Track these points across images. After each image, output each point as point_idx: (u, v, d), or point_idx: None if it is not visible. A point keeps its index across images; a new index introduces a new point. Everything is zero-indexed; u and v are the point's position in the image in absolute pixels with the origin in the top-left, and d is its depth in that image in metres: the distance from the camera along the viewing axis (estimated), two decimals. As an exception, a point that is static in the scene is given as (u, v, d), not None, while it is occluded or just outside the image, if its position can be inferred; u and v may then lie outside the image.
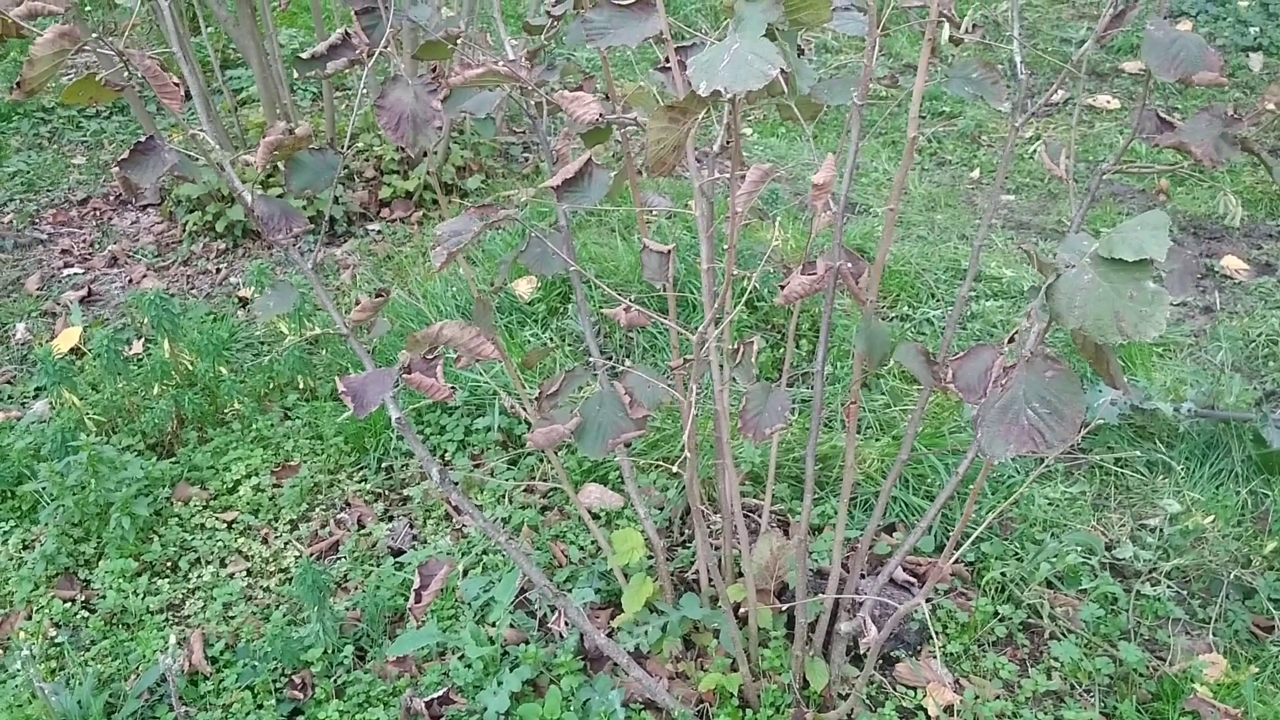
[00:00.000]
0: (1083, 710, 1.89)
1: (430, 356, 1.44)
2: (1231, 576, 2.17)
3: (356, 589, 2.32)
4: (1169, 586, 2.18)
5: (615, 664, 2.04)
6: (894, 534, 2.38)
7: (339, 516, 2.55)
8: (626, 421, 1.73)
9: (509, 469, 2.61)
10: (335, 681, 2.06)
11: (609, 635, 2.11)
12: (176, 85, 1.30)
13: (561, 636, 2.02)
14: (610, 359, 3.05)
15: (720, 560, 2.24)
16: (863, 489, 2.46)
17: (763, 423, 1.65)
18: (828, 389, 2.86)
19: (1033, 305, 1.11)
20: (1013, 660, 2.03)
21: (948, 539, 2.32)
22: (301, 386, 2.91)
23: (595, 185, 1.63)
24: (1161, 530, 2.32)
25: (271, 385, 2.92)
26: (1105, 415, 2.54)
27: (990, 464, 1.63)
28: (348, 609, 2.24)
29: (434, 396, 1.42)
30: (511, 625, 2.11)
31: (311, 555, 2.43)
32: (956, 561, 2.27)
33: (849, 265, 1.71)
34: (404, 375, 1.41)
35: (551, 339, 3.08)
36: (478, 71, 1.55)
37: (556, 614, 1.99)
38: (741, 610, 2.09)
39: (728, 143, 1.76)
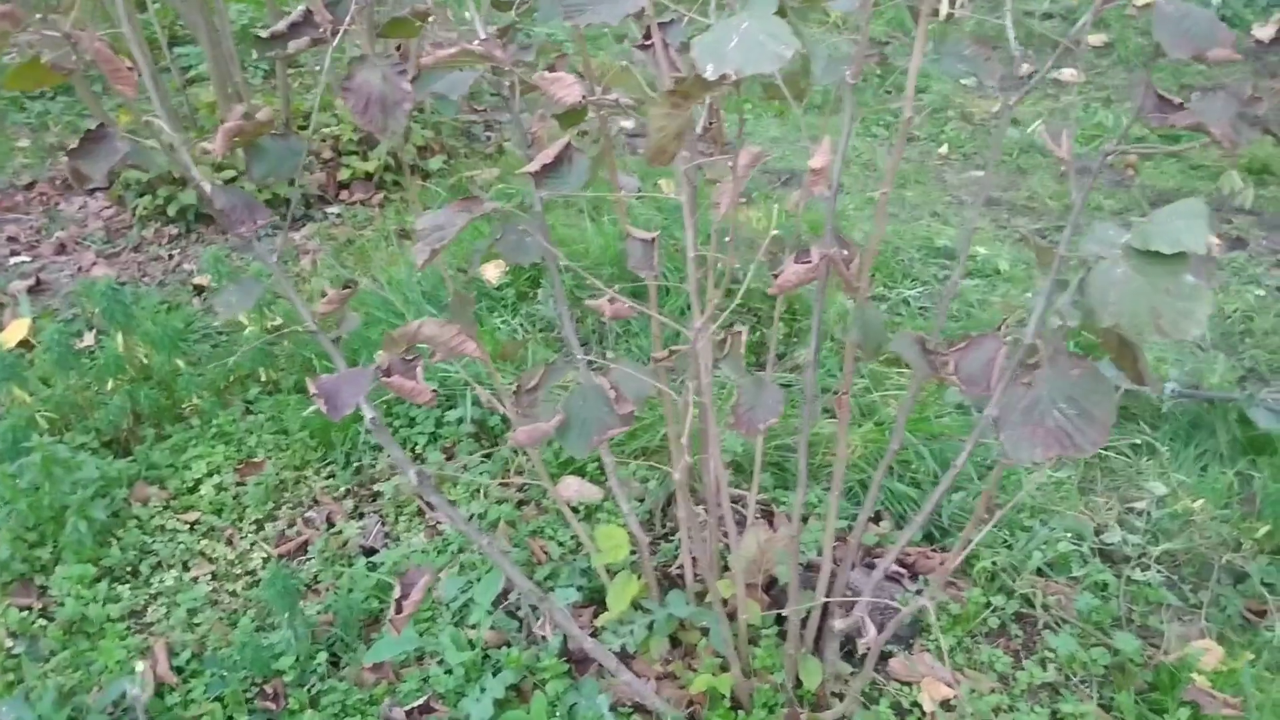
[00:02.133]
0: (1080, 703, 1.85)
1: (409, 357, 1.35)
2: (1223, 561, 2.14)
3: (328, 591, 2.23)
4: (1159, 571, 2.15)
5: (601, 665, 1.98)
6: (880, 523, 2.32)
7: (307, 515, 2.46)
8: (611, 416, 1.66)
9: (483, 462, 2.53)
10: (309, 691, 1.97)
11: (592, 635, 2.05)
12: (130, 69, 1.20)
13: (545, 639, 1.95)
14: (586, 346, 2.97)
15: (707, 554, 2.18)
16: (845, 476, 2.40)
17: (755, 417, 1.58)
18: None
19: (1063, 300, 1.05)
20: (1007, 651, 1.99)
21: (934, 527, 2.28)
22: (264, 379, 2.80)
23: (575, 170, 1.55)
24: (1149, 514, 2.29)
25: (231, 378, 2.82)
26: (1090, 397, 2.50)
27: (1005, 464, 1.57)
28: (319, 613, 2.15)
29: (415, 400, 1.33)
30: (492, 627, 2.03)
31: (279, 557, 2.34)
32: (945, 550, 2.22)
33: (841, 251, 1.64)
34: (383, 378, 1.33)
35: (522, 325, 2.99)
36: (450, 52, 1.46)
37: (542, 618, 1.92)
38: (728, 607, 2.03)
39: (709, 124, 1.69)
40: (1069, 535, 2.18)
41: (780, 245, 1.79)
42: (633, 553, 2.05)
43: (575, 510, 2.37)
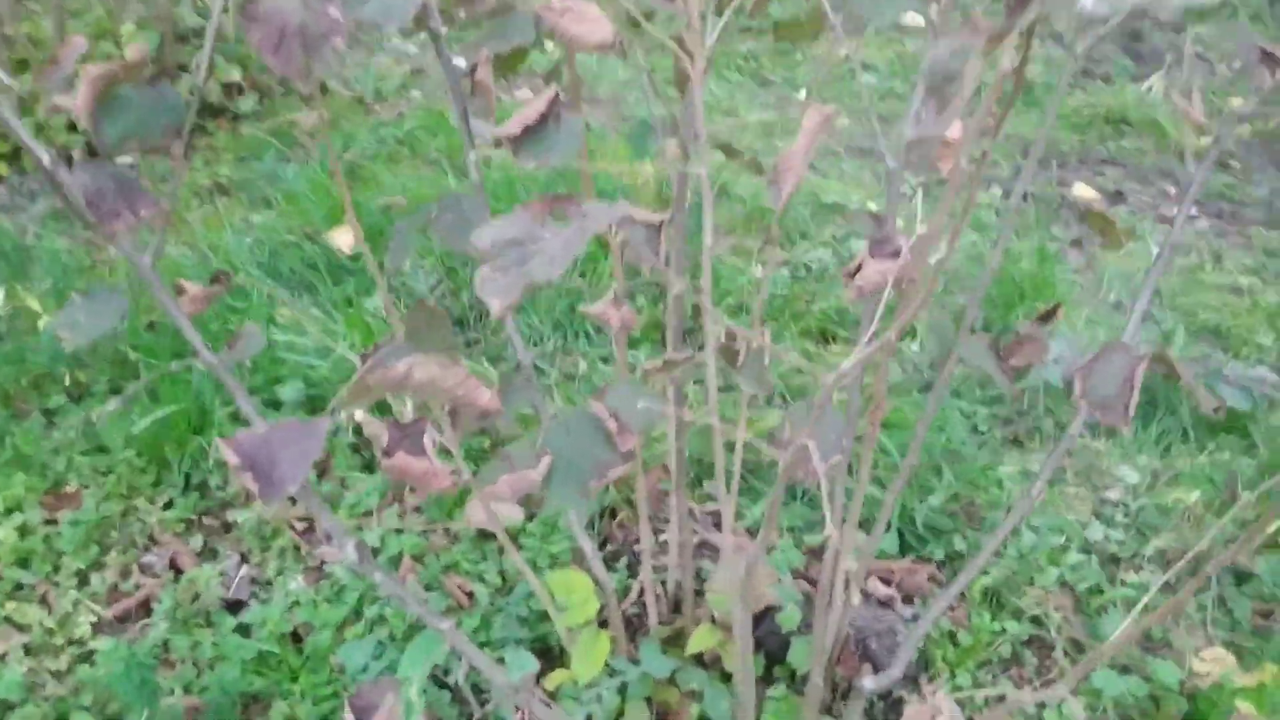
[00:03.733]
0: (1126, 746, 1.63)
1: (410, 423, 0.93)
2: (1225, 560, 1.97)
3: (184, 664, 1.74)
4: (1153, 573, 1.96)
5: (565, 744, 1.61)
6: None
7: (144, 560, 1.94)
8: (610, 454, 1.28)
9: (367, 477, 2.07)
10: (186, 814, 1.51)
11: (545, 700, 1.68)
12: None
13: None
14: (462, 326, 2.53)
15: (666, 586, 1.84)
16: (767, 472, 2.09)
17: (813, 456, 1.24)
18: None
19: None
20: (1021, 684, 1.75)
21: (909, 532, 2.02)
22: (68, 381, 2.22)
23: (565, 134, 1.16)
24: (1126, 505, 2.10)
25: (23, 381, 2.22)
26: (1049, 375, 2.29)
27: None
28: (178, 693, 1.67)
29: (428, 487, 0.91)
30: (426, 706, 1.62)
31: (116, 620, 1.83)
32: (927, 562, 1.96)
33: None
34: (384, 461, 0.90)
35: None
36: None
37: (520, 717, 1.52)
38: (707, 654, 1.70)
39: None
40: (1061, 536, 1.96)
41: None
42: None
43: (489, 537, 1.96)
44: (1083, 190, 3.56)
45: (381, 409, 1.95)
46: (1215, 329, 2.72)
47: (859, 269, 1.20)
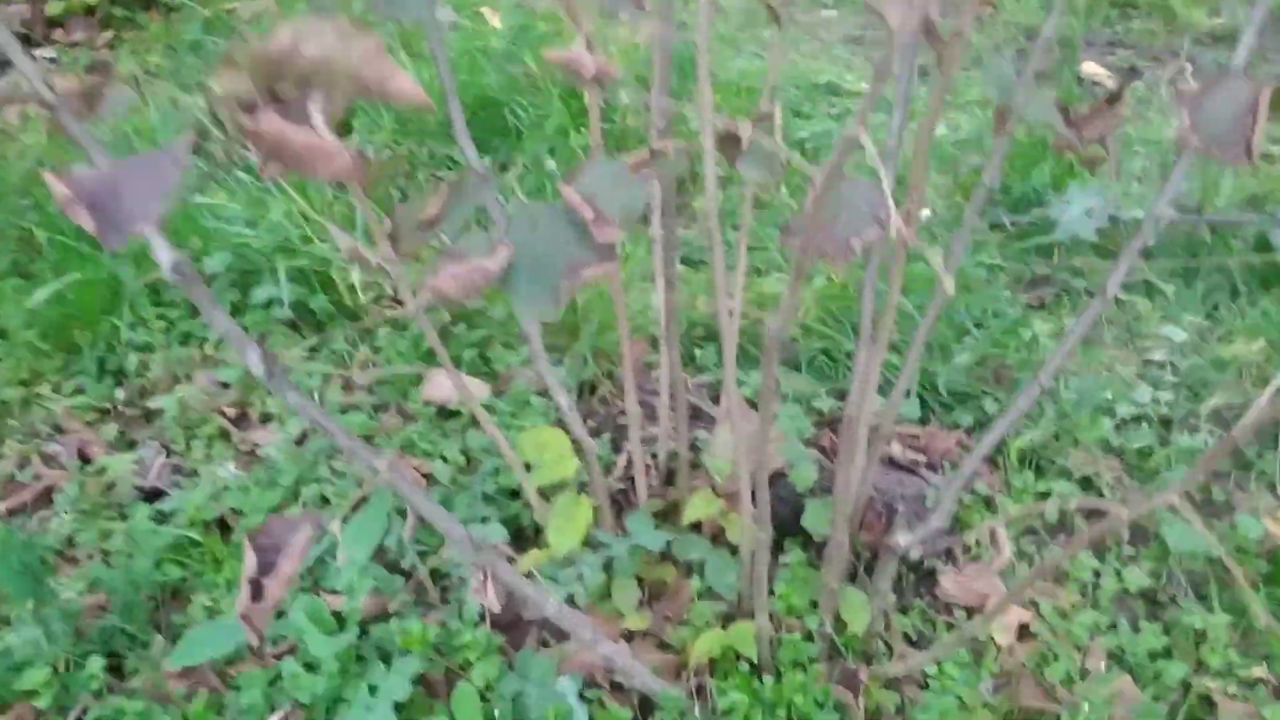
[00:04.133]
0: (1206, 613, 1.38)
1: (291, 99, 0.65)
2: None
3: (91, 559, 1.48)
4: (1210, 433, 1.72)
5: (541, 631, 1.35)
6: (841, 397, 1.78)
7: (47, 449, 1.67)
8: (584, 249, 1.00)
9: (309, 357, 1.80)
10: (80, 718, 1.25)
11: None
12: None
13: (481, 615, 1.30)
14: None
15: (657, 458, 1.58)
16: (807, 346, 1.84)
17: (840, 229, 0.98)
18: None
19: None
20: (1074, 553, 1.50)
21: (932, 399, 1.77)
22: (-39, 261, 1.94)
23: None
24: (1173, 365, 1.85)
25: (-92, 262, 1.93)
26: (1079, 229, 2.04)
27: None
28: (81, 593, 1.41)
29: (320, 170, 0.64)
30: (372, 590, 1.36)
31: (9, 514, 1.56)
32: (955, 429, 1.71)
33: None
34: (248, 124, 0.62)
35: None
36: None
37: (479, 579, 1.25)
38: (708, 528, 1.45)
39: None
40: (1106, 394, 1.72)
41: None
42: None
43: (453, 414, 1.70)
44: (1091, 67, 3.30)
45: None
46: (1250, 195, 2.47)
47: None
